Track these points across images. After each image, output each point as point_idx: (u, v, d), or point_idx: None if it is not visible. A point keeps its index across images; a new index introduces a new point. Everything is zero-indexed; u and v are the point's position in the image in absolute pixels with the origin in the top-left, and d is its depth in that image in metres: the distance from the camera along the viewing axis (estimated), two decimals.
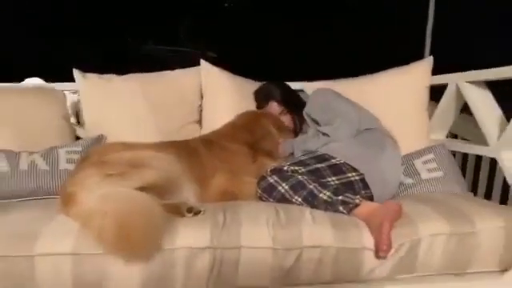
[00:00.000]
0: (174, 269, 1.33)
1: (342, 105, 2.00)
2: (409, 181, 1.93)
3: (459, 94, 2.06)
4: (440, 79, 2.20)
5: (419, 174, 1.94)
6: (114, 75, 2.32)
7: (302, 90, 2.45)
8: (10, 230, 1.38)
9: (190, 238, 1.36)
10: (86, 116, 2.25)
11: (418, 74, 2.24)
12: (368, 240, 1.42)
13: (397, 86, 2.24)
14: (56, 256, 1.30)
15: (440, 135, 2.26)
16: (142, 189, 1.45)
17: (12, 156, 1.82)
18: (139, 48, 3.69)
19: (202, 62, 2.32)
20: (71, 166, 1.82)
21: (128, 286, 1.32)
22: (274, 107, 2.22)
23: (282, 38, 3.76)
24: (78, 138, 2.33)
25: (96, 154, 1.64)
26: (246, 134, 2.03)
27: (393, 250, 1.40)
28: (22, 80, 2.72)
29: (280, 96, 2.20)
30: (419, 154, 2.04)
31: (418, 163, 2.00)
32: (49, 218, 1.44)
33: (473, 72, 1.98)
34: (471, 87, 1.99)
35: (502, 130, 1.84)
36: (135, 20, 2.83)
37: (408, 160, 2.01)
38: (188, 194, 1.63)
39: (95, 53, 2.54)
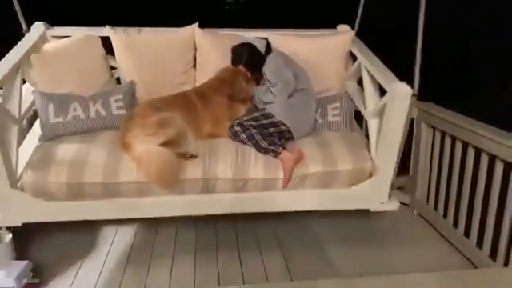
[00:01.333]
0: (185, 189, 2.79)
1: (286, 71, 3.13)
2: (320, 120, 3.24)
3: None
4: (355, 51, 3.29)
5: (327, 117, 3.24)
6: (135, 29, 3.32)
7: (265, 38, 3.51)
8: (104, 166, 2.75)
9: (191, 173, 2.77)
10: (118, 61, 3.35)
11: (342, 41, 3.35)
12: (281, 174, 2.85)
13: (327, 46, 3.38)
14: (131, 183, 2.73)
15: (352, 82, 3.46)
16: (166, 143, 2.78)
17: (84, 104, 3.03)
18: None
19: (195, 26, 3.32)
20: (119, 111, 3.07)
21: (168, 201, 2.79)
22: (241, 68, 3.31)
23: None
24: (112, 68, 3.46)
25: (137, 117, 2.89)
26: (228, 86, 3.19)
27: (291, 182, 2.85)
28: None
29: (246, 61, 3.27)
30: (331, 100, 3.29)
31: (329, 108, 3.27)
32: (119, 156, 2.79)
33: (370, 64, 3.09)
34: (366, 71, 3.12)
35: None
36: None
37: (324, 104, 3.27)
38: (189, 140, 2.94)
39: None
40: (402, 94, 2.70)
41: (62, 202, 2.72)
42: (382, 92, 2.95)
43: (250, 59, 3.31)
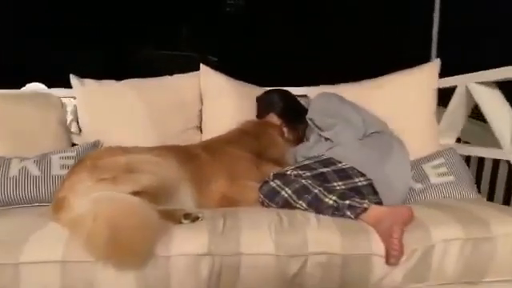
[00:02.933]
0: (170, 278, 1.24)
1: (344, 108, 1.93)
2: (418, 186, 1.85)
3: (469, 95, 1.99)
4: (448, 82, 2.13)
5: (429, 179, 1.86)
6: (113, 80, 2.26)
7: (305, 95, 2.38)
8: None
9: (186, 245, 1.27)
10: (82, 122, 2.18)
11: (425, 76, 2.17)
12: (377, 246, 1.33)
13: (403, 90, 2.17)
14: (43, 264, 1.21)
15: (450, 140, 2.18)
16: (136, 193, 1.38)
17: (1, 162, 1.74)
18: (139, 53, 3.67)
19: (202, 66, 2.26)
20: (65, 172, 1.74)
21: None
22: (274, 119, 2.14)
23: (283, 41, 3.72)
24: (74, 144, 2.25)
25: (90, 158, 1.56)
26: (252, 140, 1.95)
27: (404, 257, 1.31)
28: (23, 85, 2.66)
29: (280, 109, 2.13)
30: (428, 158, 1.97)
31: (427, 168, 1.91)
32: (38, 225, 1.35)
33: (482, 72, 1.91)
34: (481, 88, 1.91)
35: None
36: (136, 25, 2.78)
37: (417, 165, 1.93)
38: (185, 199, 1.54)
39: (95, 57, 2.49)
40: None
41: None
42: None
43: (286, 106, 2.15)
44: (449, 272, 1.36)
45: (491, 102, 1.87)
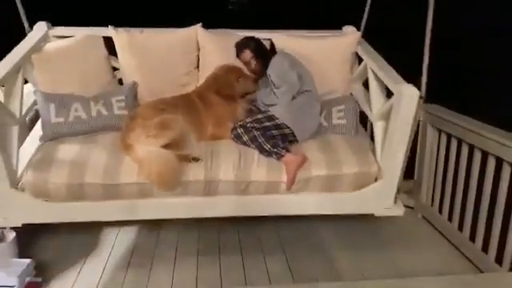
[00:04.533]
0: (187, 191, 2.76)
1: (291, 73, 3.08)
2: (325, 123, 3.20)
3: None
4: (361, 53, 3.26)
5: (332, 120, 3.20)
6: (137, 30, 3.30)
7: (269, 39, 3.47)
8: (104, 167, 2.73)
9: (193, 175, 2.74)
10: (121, 62, 3.32)
11: (349, 42, 3.30)
12: (285, 177, 2.81)
13: (333, 47, 3.33)
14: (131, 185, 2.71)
15: (357, 86, 3.42)
16: (167, 144, 2.75)
17: (85, 105, 3.01)
18: None
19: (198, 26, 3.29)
20: (121, 112, 3.04)
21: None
22: (248, 53, 3.25)
23: None
24: (115, 69, 3.43)
25: (140, 117, 2.85)
26: (214, 82, 3.18)
27: (295, 185, 2.81)
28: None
29: (253, 47, 3.22)
30: (336, 102, 3.25)
31: (333, 111, 3.22)
32: (120, 158, 2.77)
33: (376, 66, 3.03)
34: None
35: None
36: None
37: (328, 106, 3.22)
38: (192, 141, 2.90)
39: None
40: (408, 96, 2.65)
41: (62, 203, 2.70)
42: (389, 94, 2.91)
43: (257, 47, 3.26)
44: (316, 188, 2.88)
45: (375, 83, 3.07)
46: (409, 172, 3.51)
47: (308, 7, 4.14)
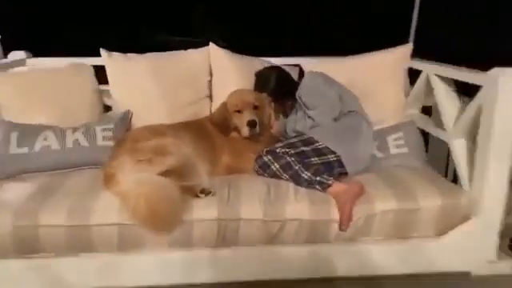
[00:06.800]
0: (192, 238, 1.84)
1: (327, 90, 2.36)
2: (380, 155, 2.37)
3: (429, 82, 2.41)
4: (416, 65, 2.55)
5: (389, 150, 2.38)
6: (135, 54, 2.68)
7: (298, 65, 2.81)
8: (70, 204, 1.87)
9: (201, 212, 1.85)
10: (112, 90, 2.64)
11: (398, 57, 2.60)
12: (336, 214, 1.90)
13: (379, 66, 2.61)
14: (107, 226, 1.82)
15: (413, 111, 2.65)
16: (165, 172, 1.92)
17: (59, 134, 2.26)
18: (152, 38, 3.84)
19: (211, 43, 2.66)
20: (106, 143, 2.27)
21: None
22: (264, 98, 2.53)
23: (297, 25, 3.87)
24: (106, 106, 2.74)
25: (129, 141, 2.08)
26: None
27: (352, 223, 1.89)
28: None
29: (271, 90, 2.49)
30: (391, 130, 2.46)
31: (389, 140, 2.41)
32: (96, 193, 1.92)
33: (444, 68, 2.30)
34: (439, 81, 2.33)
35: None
36: (148, 10, 2.96)
37: (382, 136, 2.42)
38: (202, 173, 2.07)
39: (107, 42, 2.75)
40: (508, 82, 1.86)
41: (7, 261, 1.79)
42: None
43: (278, 86, 2.54)
44: (385, 232, 1.95)
45: (444, 93, 2.30)
46: None
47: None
